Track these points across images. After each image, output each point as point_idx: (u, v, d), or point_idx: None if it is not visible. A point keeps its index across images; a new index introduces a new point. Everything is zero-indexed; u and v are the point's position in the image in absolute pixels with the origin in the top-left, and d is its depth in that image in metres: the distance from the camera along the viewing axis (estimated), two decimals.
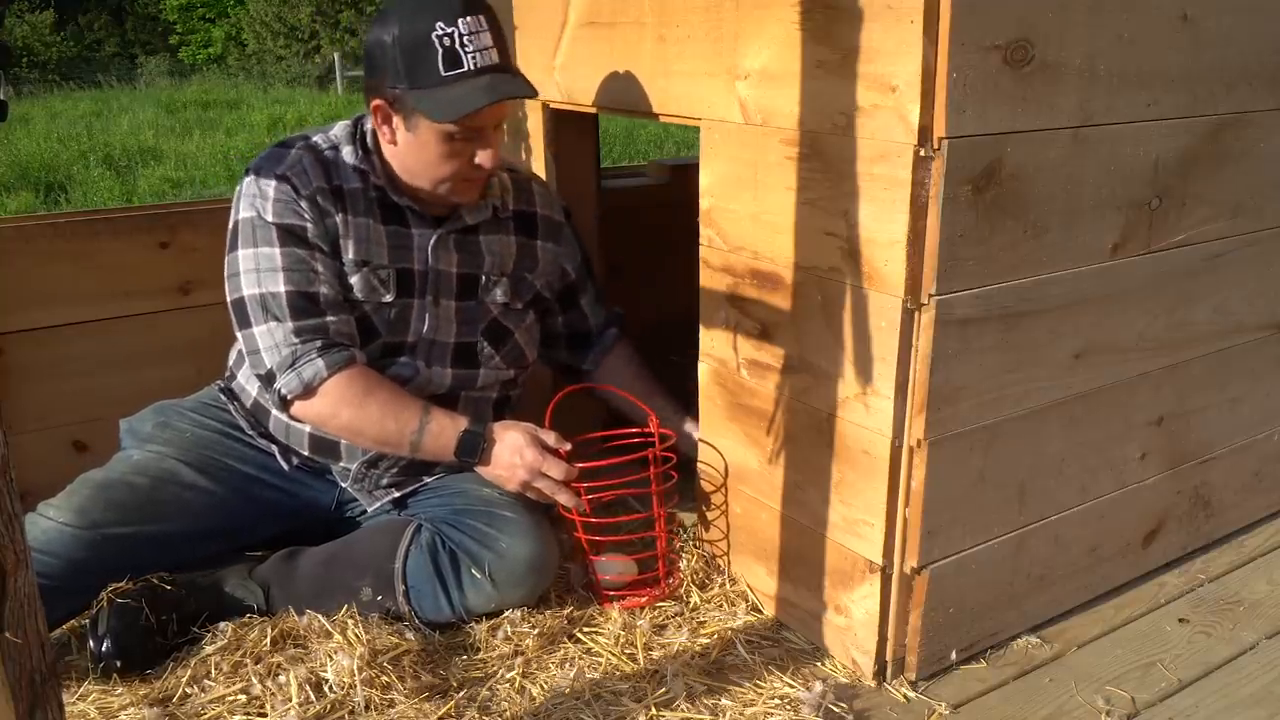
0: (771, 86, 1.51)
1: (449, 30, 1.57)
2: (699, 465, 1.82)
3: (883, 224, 1.38)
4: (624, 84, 1.83)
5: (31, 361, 1.96)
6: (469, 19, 1.58)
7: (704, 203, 1.69)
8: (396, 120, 1.65)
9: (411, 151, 1.67)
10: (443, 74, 1.58)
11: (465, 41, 1.58)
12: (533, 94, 1.68)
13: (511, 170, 1.89)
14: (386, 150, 1.70)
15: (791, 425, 1.60)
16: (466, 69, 1.58)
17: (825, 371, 1.52)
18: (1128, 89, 1.47)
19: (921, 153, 1.31)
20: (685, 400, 1.91)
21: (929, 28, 1.27)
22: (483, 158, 1.66)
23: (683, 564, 1.81)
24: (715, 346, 1.74)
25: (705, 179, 1.68)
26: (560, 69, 1.98)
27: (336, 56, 18.91)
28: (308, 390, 1.64)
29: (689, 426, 1.89)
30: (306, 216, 1.65)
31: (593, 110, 1.95)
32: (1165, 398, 1.75)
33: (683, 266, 1.82)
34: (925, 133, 1.31)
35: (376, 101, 1.64)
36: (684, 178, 2.32)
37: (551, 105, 2.06)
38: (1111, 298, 1.58)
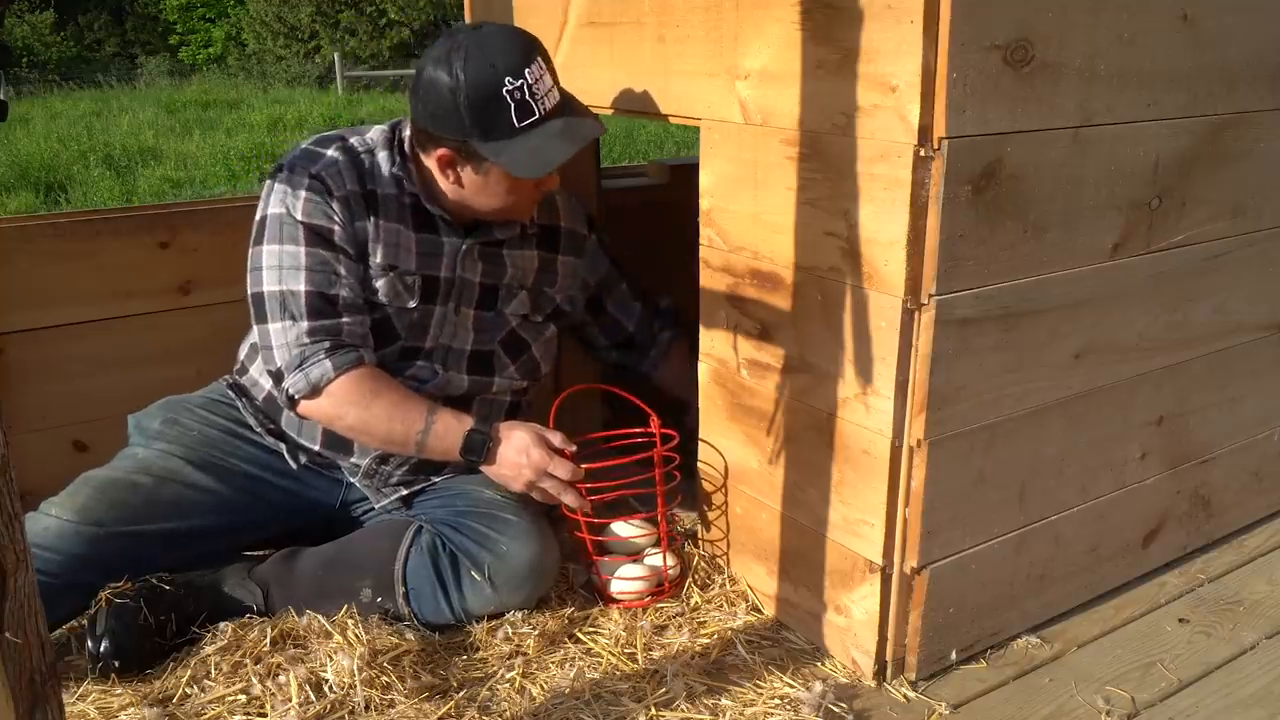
0: (771, 86, 1.51)
1: (518, 84, 1.56)
2: (699, 465, 1.82)
3: (883, 224, 1.38)
4: (624, 84, 1.83)
5: (31, 361, 1.96)
6: (533, 67, 1.57)
7: (704, 203, 1.69)
8: (465, 168, 1.65)
9: (477, 193, 1.68)
10: (517, 126, 1.57)
11: (534, 90, 1.57)
12: (603, 130, 1.68)
13: None
14: (444, 186, 1.70)
15: (791, 425, 1.60)
16: (539, 115, 1.58)
17: (825, 371, 1.52)
18: (1128, 89, 1.47)
19: (921, 153, 1.31)
20: None
21: (929, 28, 1.27)
22: (548, 185, 1.71)
23: (687, 563, 1.81)
24: (715, 346, 1.74)
25: (705, 179, 1.68)
26: (560, 69, 1.97)
27: (336, 56, 18.90)
28: (314, 390, 1.64)
29: None
30: (336, 219, 1.65)
31: (593, 110, 1.95)
32: (1165, 398, 1.75)
33: (682, 267, 1.82)
34: (925, 133, 1.31)
35: (442, 151, 1.63)
36: (684, 178, 2.32)
37: None
38: (1111, 298, 1.58)
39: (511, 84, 1.55)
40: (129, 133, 11.04)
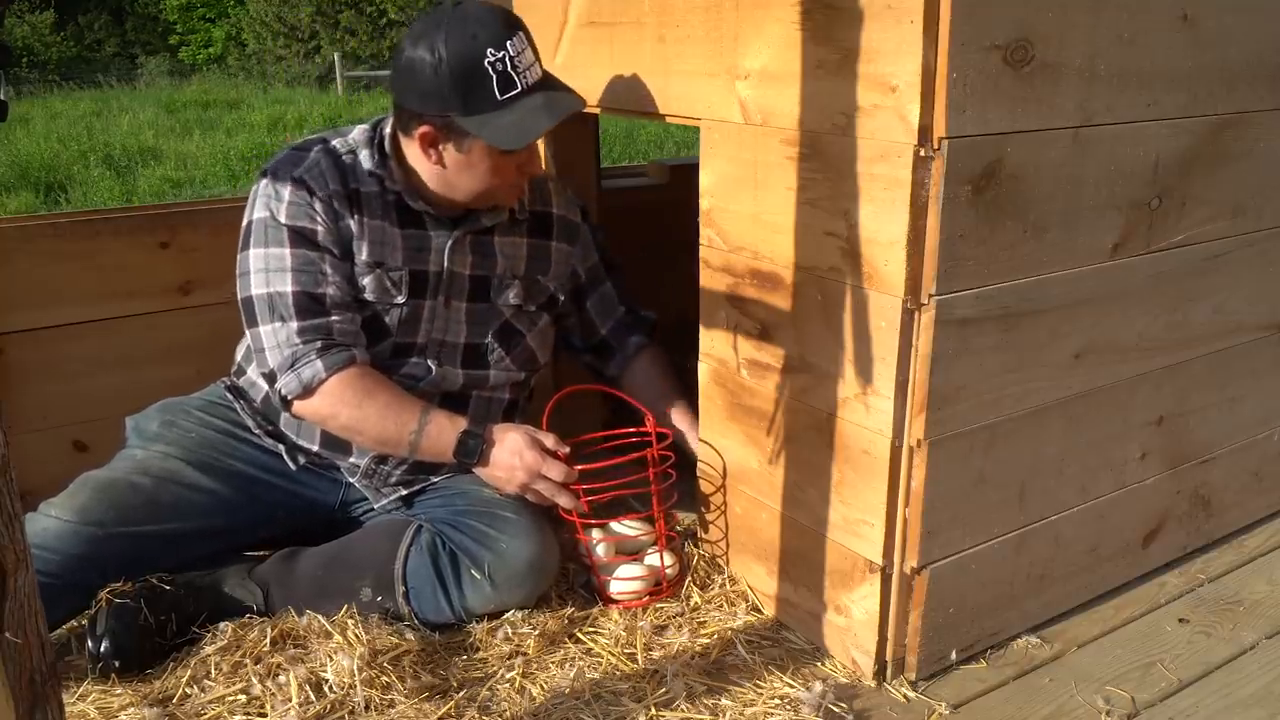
0: (771, 86, 1.51)
1: (499, 55, 1.56)
2: (699, 465, 1.82)
3: (883, 224, 1.38)
4: (624, 84, 1.83)
5: (31, 361, 1.96)
6: (514, 39, 1.58)
7: (704, 203, 1.69)
8: (446, 145, 1.65)
9: (460, 171, 1.68)
10: (499, 99, 1.58)
11: (515, 62, 1.58)
12: (584, 104, 1.68)
13: None
14: (426, 169, 1.69)
15: (791, 425, 1.60)
16: (520, 89, 1.59)
17: (825, 371, 1.52)
18: (1128, 89, 1.47)
19: (921, 153, 1.31)
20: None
21: (929, 28, 1.27)
22: (531, 167, 1.71)
23: (686, 562, 1.81)
24: (715, 346, 1.74)
25: (705, 179, 1.68)
26: (560, 69, 1.98)
27: (336, 57, 18.91)
28: (307, 391, 1.64)
29: (694, 437, 1.87)
30: (319, 220, 1.66)
31: (593, 110, 1.95)
32: (1165, 398, 1.75)
33: (683, 267, 1.82)
34: (925, 133, 1.31)
35: (424, 129, 1.63)
36: (684, 178, 2.32)
37: None
38: (1111, 298, 1.58)
39: (493, 55, 1.56)
40: (129, 133, 11.04)
